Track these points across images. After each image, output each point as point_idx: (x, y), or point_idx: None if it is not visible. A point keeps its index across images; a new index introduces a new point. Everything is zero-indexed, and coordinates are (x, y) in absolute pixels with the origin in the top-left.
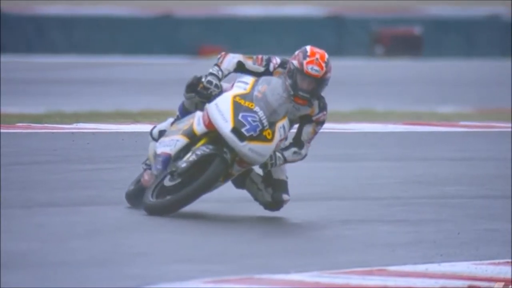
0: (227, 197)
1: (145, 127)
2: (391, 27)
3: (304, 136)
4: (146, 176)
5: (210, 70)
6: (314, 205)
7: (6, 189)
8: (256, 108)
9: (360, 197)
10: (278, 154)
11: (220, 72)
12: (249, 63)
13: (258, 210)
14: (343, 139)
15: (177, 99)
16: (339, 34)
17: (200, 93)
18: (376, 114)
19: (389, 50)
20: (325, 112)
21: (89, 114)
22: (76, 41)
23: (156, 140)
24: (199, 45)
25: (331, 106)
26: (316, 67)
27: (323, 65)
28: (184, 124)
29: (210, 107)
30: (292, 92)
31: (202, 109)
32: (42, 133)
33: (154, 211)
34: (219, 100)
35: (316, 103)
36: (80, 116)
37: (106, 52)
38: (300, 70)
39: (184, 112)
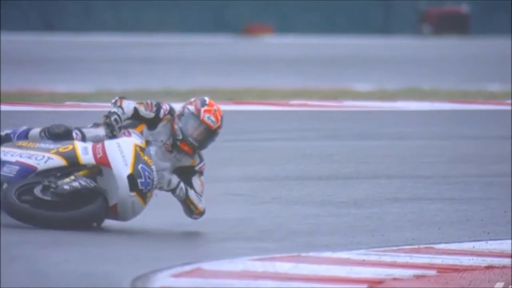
0: (277, 175)
1: None
2: (438, 5)
3: (197, 190)
4: None
5: (115, 110)
6: (361, 183)
7: None
8: (153, 167)
9: (407, 176)
10: (182, 185)
11: (123, 115)
12: (142, 109)
13: (303, 190)
14: (390, 117)
15: (226, 79)
16: (386, 12)
17: (59, 139)
18: (423, 92)
19: (436, 28)
20: (204, 162)
21: (137, 93)
22: (125, 20)
23: None
24: (246, 23)
25: (379, 85)
26: (213, 118)
27: (219, 118)
28: (57, 146)
29: (111, 144)
30: (180, 137)
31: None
32: (91, 111)
33: (15, 214)
34: (121, 141)
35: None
36: (128, 95)
37: (154, 31)
38: (196, 116)
39: (23, 136)
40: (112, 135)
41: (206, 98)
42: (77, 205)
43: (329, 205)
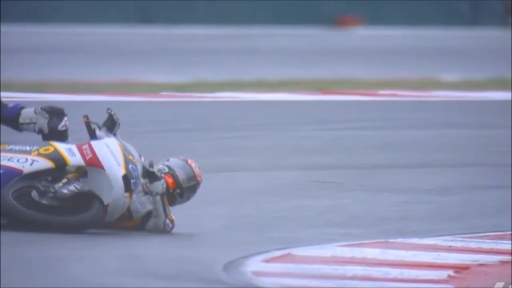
0: (365, 163)
1: (285, 96)
2: None
3: None
4: None
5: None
6: (446, 171)
7: (153, 156)
8: (138, 165)
9: (493, 164)
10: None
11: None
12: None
13: (391, 178)
14: (475, 107)
15: (316, 70)
16: (473, 4)
17: (54, 115)
18: (510, 82)
19: None
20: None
21: (230, 83)
22: (219, 12)
23: None
24: (337, 16)
25: (466, 75)
26: (198, 170)
27: (201, 177)
28: (34, 147)
29: (99, 144)
30: (166, 170)
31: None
32: (185, 101)
33: (13, 216)
34: (107, 141)
35: None
36: (221, 85)
37: (247, 23)
38: (184, 161)
39: (14, 112)
40: (99, 129)
41: None
42: (75, 209)
43: (416, 193)
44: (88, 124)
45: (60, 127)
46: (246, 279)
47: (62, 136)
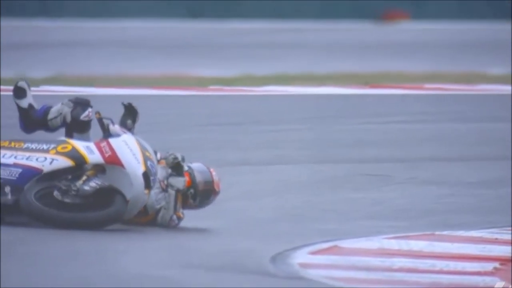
0: (412, 157)
1: (332, 90)
2: None
3: None
4: None
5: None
6: (492, 164)
7: (201, 149)
8: (155, 161)
9: None
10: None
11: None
12: None
13: (437, 171)
14: (506, 101)
15: (363, 64)
16: None
17: (81, 105)
18: None
19: None
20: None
21: (277, 77)
22: (267, 6)
23: None
24: (384, 10)
25: (510, 69)
26: (217, 179)
27: (218, 189)
28: (51, 145)
29: (117, 142)
30: (186, 168)
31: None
32: (233, 95)
33: (38, 217)
34: (126, 138)
35: None
36: (269, 79)
37: (293, 18)
38: (206, 167)
39: (42, 113)
40: (106, 130)
41: None
42: (98, 205)
43: (462, 185)
44: (100, 120)
45: (83, 117)
46: (293, 271)
47: (84, 127)
